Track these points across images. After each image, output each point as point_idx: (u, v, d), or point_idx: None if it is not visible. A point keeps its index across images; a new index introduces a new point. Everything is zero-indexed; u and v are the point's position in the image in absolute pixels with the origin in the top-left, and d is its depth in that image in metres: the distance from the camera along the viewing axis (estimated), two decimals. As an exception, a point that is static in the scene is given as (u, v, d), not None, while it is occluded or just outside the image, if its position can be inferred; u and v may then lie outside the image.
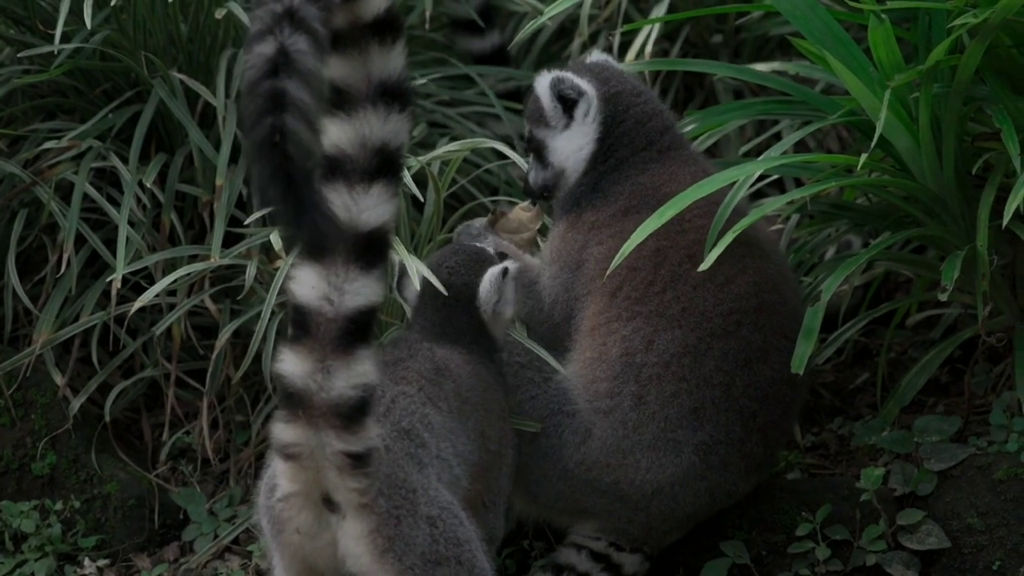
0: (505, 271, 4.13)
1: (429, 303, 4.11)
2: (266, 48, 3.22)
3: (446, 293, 4.07)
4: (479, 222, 4.57)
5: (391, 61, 3.44)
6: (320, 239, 3.28)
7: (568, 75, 4.42)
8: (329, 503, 3.63)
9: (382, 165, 3.44)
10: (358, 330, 3.44)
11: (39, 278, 4.95)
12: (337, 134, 3.42)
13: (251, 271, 4.63)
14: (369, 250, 3.42)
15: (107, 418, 4.77)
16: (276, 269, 4.56)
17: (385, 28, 3.42)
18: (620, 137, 4.44)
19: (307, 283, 3.42)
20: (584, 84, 4.40)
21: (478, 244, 4.29)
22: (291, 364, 3.47)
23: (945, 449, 4.50)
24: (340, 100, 3.42)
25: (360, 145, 3.43)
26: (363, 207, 3.41)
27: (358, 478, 3.57)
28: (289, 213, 3.17)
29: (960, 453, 4.49)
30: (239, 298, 4.74)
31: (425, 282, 4.09)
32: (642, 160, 4.44)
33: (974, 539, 4.40)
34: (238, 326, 4.68)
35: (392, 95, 3.45)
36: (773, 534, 4.48)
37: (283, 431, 3.54)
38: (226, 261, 4.66)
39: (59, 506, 4.72)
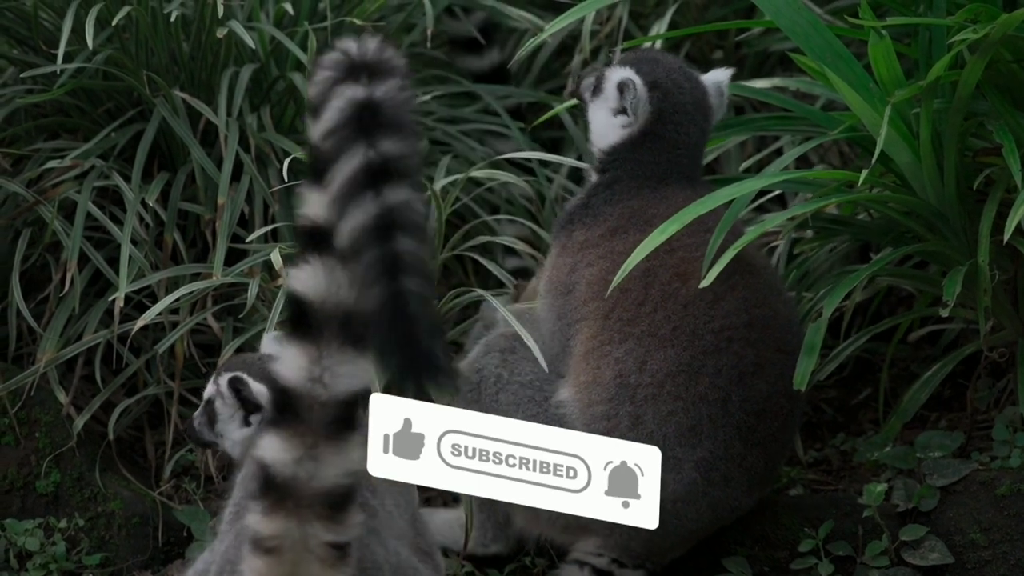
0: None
1: None
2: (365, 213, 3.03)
3: None
4: (498, 301, 4.61)
5: None
6: (335, 419, 3.15)
7: (637, 88, 4.46)
8: None
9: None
10: (350, 416, 3.25)
11: (43, 297, 4.96)
12: (316, 207, 3.17)
13: (253, 289, 4.64)
14: (365, 331, 3.20)
15: (111, 436, 4.77)
16: (278, 287, 4.57)
17: None
18: (624, 162, 4.48)
19: (295, 364, 3.21)
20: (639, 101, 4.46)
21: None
22: (276, 451, 3.25)
23: (948, 465, 4.51)
24: (322, 171, 3.16)
25: None
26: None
27: (341, 569, 3.35)
28: (412, 376, 3.05)
29: (963, 468, 4.49)
30: (241, 316, 4.74)
31: None
32: (637, 185, 4.46)
33: (977, 555, 4.40)
34: (240, 344, 4.69)
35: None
36: (776, 550, 4.49)
37: (263, 523, 3.30)
38: (228, 279, 4.66)
39: (63, 524, 4.72)
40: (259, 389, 3.88)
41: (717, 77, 4.59)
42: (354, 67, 3.08)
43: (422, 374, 3.06)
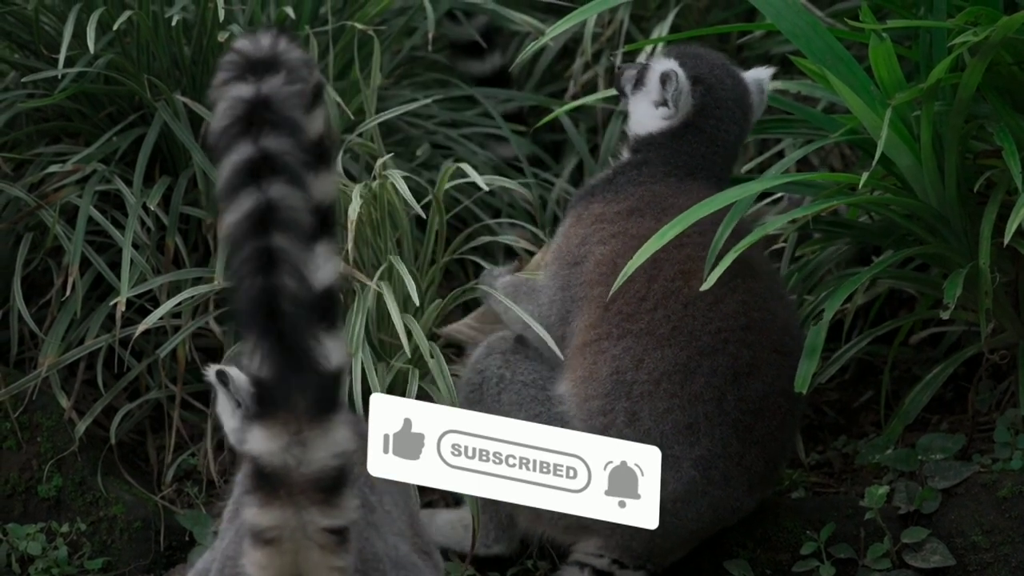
0: None
1: None
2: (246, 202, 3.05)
3: None
4: (500, 268, 4.61)
5: (312, 125, 3.25)
6: (316, 402, 3.14)
7: (679, 81, 4.49)
8: None
9: (320, 225, 3.24)
10: (331, 396, 3.23)
11: (44, 301, 4.96)
12: None
13: (255, 293, 4.64)
14: (327, 310, 3.21)
15: (113, 440, 4.78)
16: (279, 291, 4.57)
17: (310, 100, 3.24)
18: (659, 148, 4.49)
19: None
20: (681, 94, 4.49)
21: None
22: (262, 441, 3.25)
23: (949, 467, 4.51)
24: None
25: None
26: (311, 269, 3.17)
27: (341, 555, 3.34)
28: (283, 376, 3.05)
29: (964, 471, 4.49)
30: (243, 319, 4.74)
31: None
32: (665, 171, 4.47)
33: (979, 557, 4.40)
34: (242, 348, 4.68)
35: (316, 156, 3.25)
36: (778, 553, 4.49)
37: (260, 515, 3.29)
38: (229, 283, 4.66)
39: (65, 528, 4.72)
40: (242, 382, 3.90)
41: (758, 75, 4.61)
42: (246, 65, 3.10)
43: (290, 373, 3.05)
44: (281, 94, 3.09)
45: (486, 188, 4.58)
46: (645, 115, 4.55)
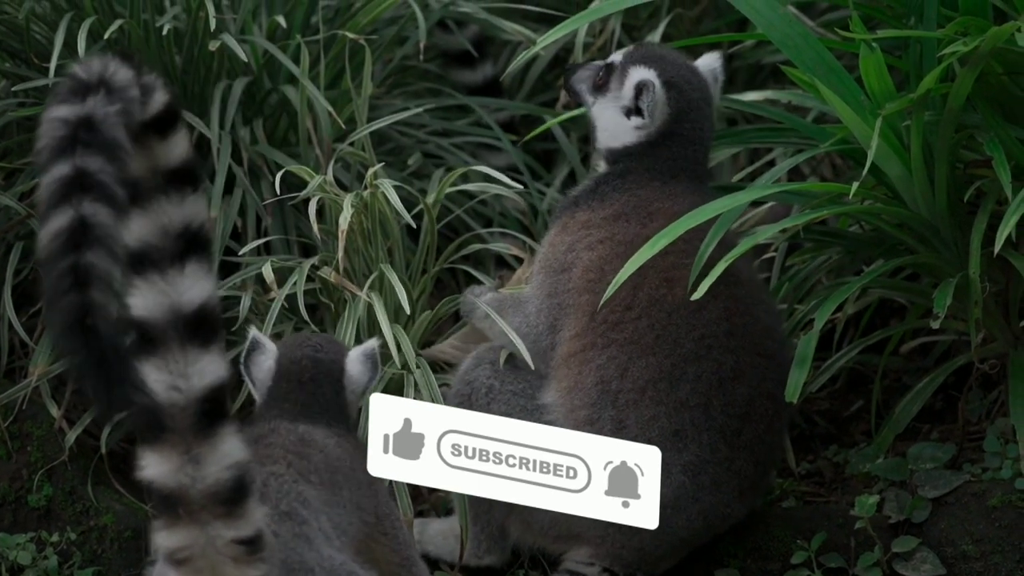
0: (375, 349, 4.07)
1: (290, 380, 4.06)
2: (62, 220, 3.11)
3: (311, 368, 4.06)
4: (481, 287, 4.61)
5: (174, 149, 3.33)
6: (138, 417, 3.19)
7: (656, 90, 4.45)
8: None
9: (189, 245, 3.32)
10: (214, 409, 3.31)
11: (35, 310, 4.95)
12: (139, 228, 3.30)
13: (246, 302, 4.65)
14: (201, 327, 3.29)
15: (103, 450, 4.77)
16: (271, 301, 4.57)
17: (164, 123, 3.33)
18: (639, 157, 4.48)
19: (150, 378, 3.28)
20: (653, 107, 4.45)
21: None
22: (156, 465, 3.33)
23: (939, 476, 4.51)
24: (134, 195, 3.28)
25: (163, 234, 3.31)
26: (182, 289, 3.28)
27: (256, 564, 3.42)
28: (103, 393, 3.09)
29: (954, 480, 4.49)
30: (234, 329, 4.74)
31: (284, 360, 4.06)
32: (649, 178, 4.46)
33: (969, 566, 4.40)
34: (233, 358, 4.68)
35: (181, 179, 3.33)
36: (768, 562, 4.49)
37: (167, 537, 3.39)
38: (221, 293, 4.66)
39: (55, 538, 4.72)
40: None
41: (711, 64, 4.59)
42: (75, 88, 3.18)
43: (99, 383, 3.09)
44: (99, 115, 3.16)
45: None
46: (616, 125, 4.52)
